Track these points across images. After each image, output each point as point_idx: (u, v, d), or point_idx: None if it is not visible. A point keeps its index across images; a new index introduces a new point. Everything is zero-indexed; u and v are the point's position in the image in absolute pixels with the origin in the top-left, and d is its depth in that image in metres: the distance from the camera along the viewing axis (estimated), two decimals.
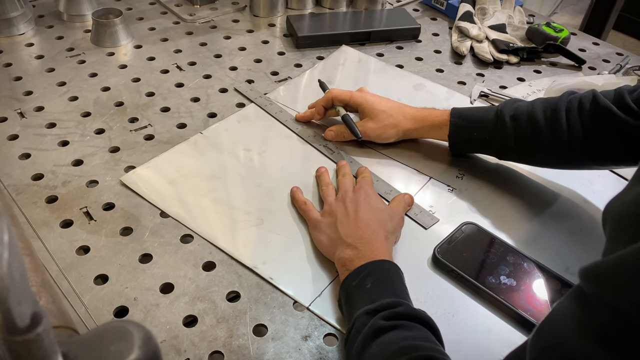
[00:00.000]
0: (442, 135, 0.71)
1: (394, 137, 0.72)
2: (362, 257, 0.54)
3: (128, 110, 0.78)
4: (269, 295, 0.56)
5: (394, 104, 0.73)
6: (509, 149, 0.66)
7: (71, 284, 0.55)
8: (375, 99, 0.73)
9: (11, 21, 0.92)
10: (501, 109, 0.67)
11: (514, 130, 0.65)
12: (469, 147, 0.71)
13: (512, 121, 0.65)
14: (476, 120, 0.68)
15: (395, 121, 0.71)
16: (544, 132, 0.63)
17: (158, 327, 0.52)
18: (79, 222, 0.62)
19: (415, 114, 0.72)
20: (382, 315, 0.47)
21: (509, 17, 1.04)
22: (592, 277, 0.33)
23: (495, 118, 0.66)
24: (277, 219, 0.64)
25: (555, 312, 0.36)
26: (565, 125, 0.62)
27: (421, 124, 0.72)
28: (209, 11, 1.04)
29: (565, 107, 0.63)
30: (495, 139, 0.66)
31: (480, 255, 0.59)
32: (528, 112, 0.65)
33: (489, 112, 0.67)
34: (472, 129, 0.68)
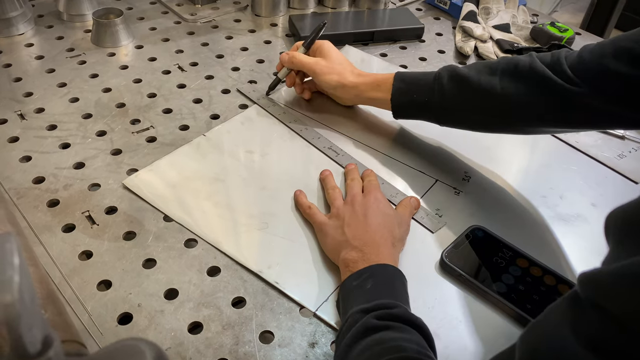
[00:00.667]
0: (382, 95, 0.71)
1: (334, 83, 0.74)
2: (367, 260, 0.54)
3: (130, 112, 0.77)
4: (274, 301, 0.55)
5: (347, 60, 0.76)
6: (446, 111, 0.67)
7: (74, 290, 0.54)
8: (336, 50, 0.77)
9: (10, 21, 0.91)
10: (440, 71, 0.67)
11: (450, 92, 0.65)
12: (409, 111, 0.71)
13: (449, 82, 0.66)
14: (416, 83, 0.69)
15: (341, 69, 0.74)
16: (477, 94, 0.63)
17: (163, 334, 0.51)
18: (81, 226, 0.61)
19: (361, 71, 0.75)
20: (375, 315, 0.47)
21: (513, 17, 1.03)
22: (593, 284, 0.33)
23: (433, 80, 0.67)
24: (282, 222, 0.63)
25: (548, 315, 0.35)
26: (499, 88, 0.62)
27: (363, 80, 0.73)
28: (211, 11, 1.03)
29: (501, 69, 0.63)
30: (433, 101, 0.67)
31: (488, 259, 0.59)
32: (465, 74, 0.65)
33: (429, 75, 0.68)
34: (412, 92, 0.69)
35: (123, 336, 0.51)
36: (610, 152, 0.76)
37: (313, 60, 0.75)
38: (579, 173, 0.72)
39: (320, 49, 0.77)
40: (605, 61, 0.56)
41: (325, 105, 0.81)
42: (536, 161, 0.73)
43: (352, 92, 0.74)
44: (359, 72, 0.75)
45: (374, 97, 0.73)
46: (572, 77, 0.58)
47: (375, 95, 0.72)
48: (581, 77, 0.58)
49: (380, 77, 0.72)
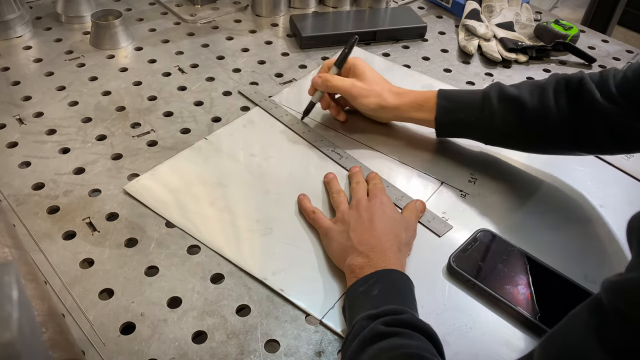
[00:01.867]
0: (425, 115, 0.69)
1: (373, 105, 0.71)
2: (373, 265, 0.53)
3: (130, 115, 0.76)
4: (280, 309, 0.54)
5: (383, 78, 0.73)
6: (496, 131, 0.65)
7: (75, 299, 0.53)
8: (369, 67, 0.73)
9: (8, 24, 0.89)
10: (488, 90, 0.66)
11: (501, 112, 0.64)
12: (454, 129, 0.69)
13: (499, 103, 0.64)
14: (463, 102, 0.67)
15: (380, 90, 0.71)
16: (531, 115, 0.62)
17: (166, 343, 0.50)
18: (82, 233, 0.60)
19: (399, 89, 0.72)
20: (383, 321, 0.46)
21: (517, 15, 1.02)
22: (621, 293, 0.32)
23: (482, 99, 0.65)
24: (286, 227, 0.62)
25: (569, 323, 0.35)
26: (554, 108, 0.61)
27: (404, 99, 0.70)
28: (210, 11, 1.02)
29: (552, 89, 0.62)
30: (481, 121, 0.65)
31: (496, 263, 0.58)
32: (515, 94, 0.63)
33: (476, 94, 0.67)
34: (458, 111, 0.67)
35: (126, 346, 0.50)
36: None
37: (349, 83, 0.71)
38: (586, 174, 0.71)
39: (354, 68, 0.72)
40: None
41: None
42: (542, 162, 0.72)
43: (393, 113, 0.72)
44: (397, 91, 0.71)
45: (416, 117, 0.70)
46: (617, 97, 0.57)
47: (418, 115, 0.70)
48: (626, 98, 0.57)
49: (421, 96, 0.70)
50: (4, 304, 0.14)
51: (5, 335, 0.14)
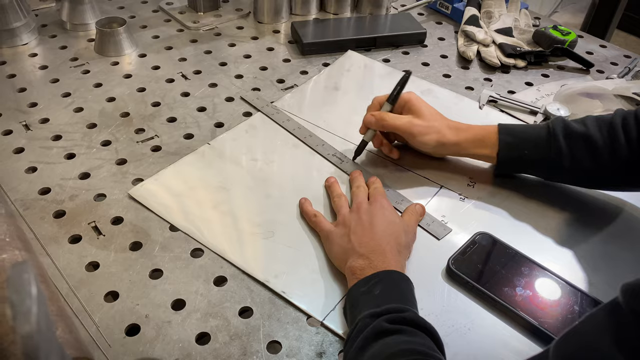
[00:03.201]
0: (486, 151, 0.67)
1: (433, 143, 0.67)
2: (374, 267, 0.54)
3: (134, 121, 0.78)
4: (281, 311, 0.55)
5: (438, 112, 0.69)
6: (563, 169, 0.64)
7: (81, 301, 0.54)
8: (424, 102, 0.69)
9: (14, 31, 0.91)
10: (552, 126, 0.64)
11: (569, 150, 0.62)
12: (517, 166, 0.67)
13: (565, 140, 0.62)
14: (527, 138, 0.64)
15: (439, 126, 0.67)
16: (603, 152, 0.61)
17: (170, 345, 0.51)
18: (88, 237, 0.61)
19: (457, 124, 0.68)
20: (387, 319, 0.47)
21: (515, 21, 1.03)
22: (637, 295, 0.32)
23: (547, 136, 0.63)
24: (288, 230, 0.63)
25: (586, 324, 0.35)
26: (624, 144, 0.60)
27: (464, 135, 0.67)
28: (213, 18, 1.03)
29: (621, 124, 0.61)
30: (548, 159, 0.63)
31: (495, 266, 0.59)
32: (583, 130, 0.62)
33: (540, 130, 0.65)
34: (522, 147, 0.64)
35: (131, 348, 0.51)
36: None
37: (406, 121, 0.67)
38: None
39: (409, 104, 0.68)
40: None
41: (328, 111, 0.81)
42: None
43: (452, 150, 0.69)
44: (455, 126, 0.68)
45: (477, 153, 0.68)
46: None
47: (478, 151, 0.67)
48: None
49: (481, 131, 0.67)
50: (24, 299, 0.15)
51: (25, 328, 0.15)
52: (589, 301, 0.55)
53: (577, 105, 0.82)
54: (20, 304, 0.15)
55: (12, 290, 0.15)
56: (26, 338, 0.15)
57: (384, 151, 0.72)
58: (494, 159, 0.67)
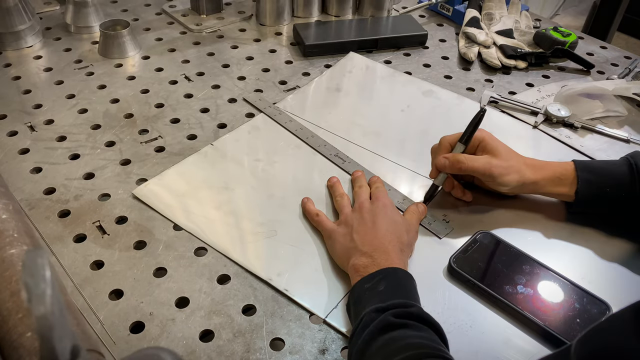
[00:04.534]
0: (564, 190, 0.63)
1: (514, 183, 0.63)
2: (377, 264, 0.54)
3: (138, 122, 0.78)
4: (284, 308, 0.55)
5: (512, 149, 0.65)
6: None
7: (86, 299, 0.55)
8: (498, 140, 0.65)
9: (19, 34, 0.92)
10: (635, 162, 0.61)
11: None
12: (597, 204, 0.63)
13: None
14: (608, 174, 0.62)
15: (518, 166, 0.63)
16: None
17: (174, 342, 0.52)
18: (92, 236, 0.61)
19: (534, 161, 0.65)
20: (393, 313, 0.48)
21: (516, 22, 1.03)
22: None
23: (630, 172, 0.61)
24: (291, 229, 0.63)
25: (610, 322, 0.35)
26: None
27: (542, 174, 0.64)
28: (216, 21, 1.04)
29: None
30: (632, 196, 0.60)
31: (496, 264, 0.59)
32: None
33: (620, 166, 0.62)
34: (604, 184, 0.61)
35: (135, 345, 0.51)
36: (616, 155, 0.75)
37: (485, 162, 0.63)
38: None
39: (484, 144, 0.64)
40: None
41: (330, 112, 0.82)
42: None
43: (530, 188, 0.65)
44: (532, 163, 0.65)
45: (554, 192, 0.64)
46: None
47: (556, 190, 0.64)
48: None
49: (558, 168, 0.64)
50: (39, 281, 0.15)
51: (40, 309, 0.15)
52: (589, 299, 0.56)
53: (578, 106, 0.82)
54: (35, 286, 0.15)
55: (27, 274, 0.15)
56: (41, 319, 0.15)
57: (455, 194, 0.67)
58: (572, 197, 0.63)
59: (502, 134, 0.78)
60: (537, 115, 0.82)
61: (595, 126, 0.81)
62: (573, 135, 0.80)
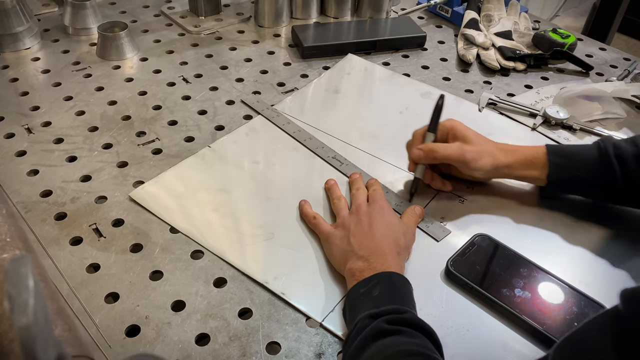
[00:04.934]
0: (536, 173, 0.65)
1: (488, 167, 0.64)
2: (373, 269, 0.54)
3: (135, 124, 0.78)
4: (281, 312, 0.55)
5: (483, 135, 0.67)
6: (617, 191, 0.62)
7: (82, 302, 0.54)
8: (467, 127, 0.67)
9: (17, 36, 0.92)
10: (604, 146, 0.63)
11: (622, 172, 0.61)
12: (568, 188, 0.66)
13: (618, 161, 0.61)
14: (579, 159, 0.63)
15: (490, 150, 0.65)
16: None
17: (170, 345, 0.51)
18: (89, 239, 0.61)
19: (505, 145, 0.66)
20: (386, 319, 0.47)
21: (515, 24, 1.03)
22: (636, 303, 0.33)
23: (599, 157, 0.62)
24: (288, 232, 0.63)
25: (585, 331, 0.35)
26: None
27: (514, 157, 0.65)
28: (214, 22, 1.04)
29: None
30: (602, 180, 0.62)
31: (493, 267, 0.59)
32: (634, 151, 0.61)
33: (590, 150, 0.63)
34: (574, 169, 0.63)
35: (131, 348, 0.51)
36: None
37: (457, 149, 0.64)
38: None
39: (454, 131, 0.66)
40: None
41: (328, 114, 0.82)
42: None
43: (503, 172, 0.66)
44: (504, 148, 0.66)
45: (526, 175, 0.65)
46: None
47: (528, 173, 0.65)
48: None
49: (531, 152, 0.65)
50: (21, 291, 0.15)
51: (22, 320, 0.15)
52: (587, 303, 0.55)
53: (577, 107, 0.82)
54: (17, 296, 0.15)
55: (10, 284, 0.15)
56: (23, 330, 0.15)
57: (434, 186, 0.68)
58: (544, 180, 0.65)
59: (500, 135, 0.78)
60: (535, 117, 0.82)
61: (594, 128, 0.80)
62: (572, 137, 0.79)
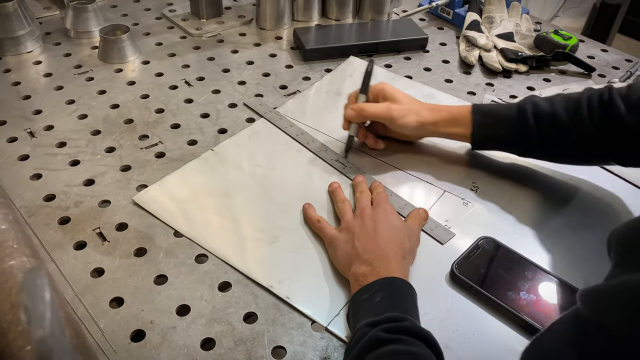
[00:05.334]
0: (461, 130, 0.69)
1: (414, 124, 0.69)
2: (377, 273, 0.54)
3: (138, 128, 0.78)
4: (286, 316, 0.55)
5: (413, 97, 0.73)
6: (532, 146, 0.67)
7: (87, 307, 0.54)
8: (397, 89, 0.72)
9: (18, 39, 0.92)
10: (523, 105, 0.66)
11: (538, 128, 0.65)
12: (490, 144, 0.71)
13: (535, 118, 0.65)
14: (499, 118, 0.68)
15: (417, 108, 0.70)
16: (566, 130, 0.64)
17: (176, 350, 0.51)
18: (93, 243, 0.61)
19: (433, 105, 0.72)
20: (384, 328, 0.47)
21: (516, 26, 1.03)
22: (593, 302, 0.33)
23: (517, 115, 0.66)
24: (292, 236, 0.63)
25: (551, 332, 0.36)
26: (588, 123, 0.62)
27: (440, 115, 0.70)
28: (216, 25, 1.04)
29: (586, 104, 0.63)
30: (519, 138, 0.67)
31: (498, 270, 0.59)
32: (550, 109, 0.65)
33: (511, 109, 0.67)
34: (494, 126, 0.68)
35: (136, 353, 0.51)
36: None
37: (385, 107, 0.70)
38: (587, 181, 0.72)
39: (383, 92, 0.72)
40: None
41: (330, 117, 0.81)
42: (543, 169, 0.73)
43: (430, 129, 0.71)
44: (431, 107, 0.71)
45: (452, 132, 0.70)
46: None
47: (454, 130, 0.70)
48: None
49: (456, 110, 0.70)
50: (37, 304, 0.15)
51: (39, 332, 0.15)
52: None
53: None
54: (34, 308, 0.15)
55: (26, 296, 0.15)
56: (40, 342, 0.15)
57: (369, 144, 0.75)
58: (469, 137, 0.69)
59: None
60: None
61: None
62: None
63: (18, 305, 0.30)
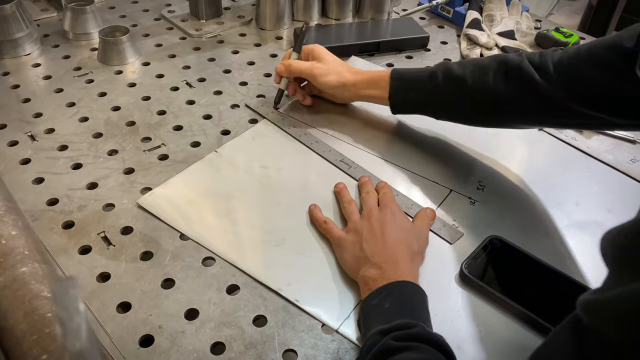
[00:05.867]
0: (380, 93, 0.73)
1: (334, 82, 0.75)
2: (386, 277, 0.53)
3: (140, 130, 0.77)
4: (296, 319, 0.54)
5: (341, 60, 0.78)
6: (443, 110, 0.70)
7: (94, 313, 0.53)
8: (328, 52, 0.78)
9: (17, 42, 0.90)
10: (435, 70, 0.69)
11: (446, 91, 0.68)
12: (407, 107, 0.73)
13: (444, 81, 0.68)
14: (413, 80, 0.71)
15: (339, 69, 0.76)
16: (471, 94, 0.66)
17: (185, 355, 0.51)
18: (98, 247, 0.60)
19: (356, 69, 0.77)
20: (394, 336, 0.46)
21: (517, 24, 1.03)
22: (593, 311, 0.33)
23: (429, 79, 0.69)
24: (299, 237, 0.62)
25: (552, 339, 0.36)
26: (493, 88, 0.64)
27: (360, 77, 0.75)
28: (215, 25, 1.03)
29: (493, 70, 0.65)
30: (429, 99, 0.70)
31: (507, 270, 0.58)
32: (459, 73, 0.67)
33: (424, 73, 0.70)
34: (409, 90, 0.71)
35: (145, 359, 0.50)
36: (623, 157, 0.75)
37: (309, 64, 0.76)
38: (592, 179, 0.72)
39: (313, 53, 0.78)
40: (579, 67, 0.59)
41: (334, 116, 0.81)
42: (549, 168, 0.73)
43: (351, 90, 0.76)
44: (355, 70, 0.76)
45: (371, 94, 0.74)
46: (555, 78, 0.60)
47: (373, 92, 0.74)
48: (560, 80, 0.60)
49: (377, 74, 0.74)
50: (73, 315, 0.15)
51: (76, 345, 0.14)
52: None
53: None
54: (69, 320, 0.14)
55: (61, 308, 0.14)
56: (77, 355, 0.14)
57: (299, 99, 0.82)
58: (387, 100, 0.73)
59: (507, 136, 0.78)
60: None
61: None
62: (579, 137, 0.79)
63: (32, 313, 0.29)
